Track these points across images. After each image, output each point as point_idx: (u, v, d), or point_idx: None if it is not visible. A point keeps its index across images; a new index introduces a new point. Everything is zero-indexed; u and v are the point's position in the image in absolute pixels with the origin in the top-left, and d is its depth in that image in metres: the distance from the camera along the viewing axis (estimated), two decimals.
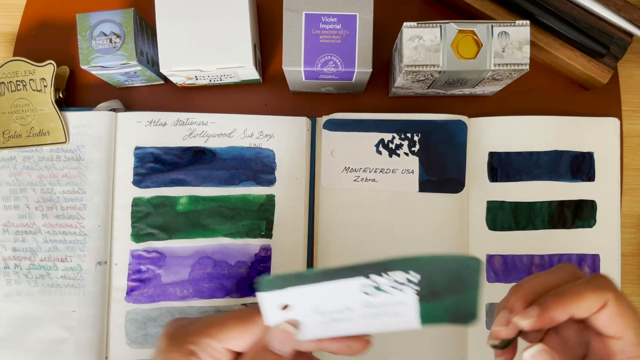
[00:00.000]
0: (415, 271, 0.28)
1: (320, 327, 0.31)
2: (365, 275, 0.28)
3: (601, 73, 0.47)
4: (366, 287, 0.29)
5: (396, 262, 0.27)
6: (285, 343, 0.30)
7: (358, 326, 0.31)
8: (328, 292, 0.29)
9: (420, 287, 0.28)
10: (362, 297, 0.29)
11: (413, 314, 0.30)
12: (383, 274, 0.28)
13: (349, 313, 0.30)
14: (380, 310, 0.30)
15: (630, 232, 0.50)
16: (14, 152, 0.48)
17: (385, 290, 0.29)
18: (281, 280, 0.29)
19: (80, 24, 0.43)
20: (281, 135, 0.48)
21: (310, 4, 0.41)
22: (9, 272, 0.47)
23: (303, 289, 0.29)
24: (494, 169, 0.49)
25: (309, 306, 0.30)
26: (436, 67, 0.40)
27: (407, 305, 0.29)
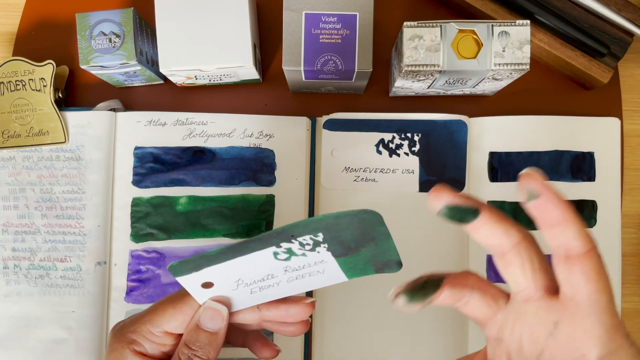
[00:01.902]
0: (319, 230, 0.28)
1: (250, 297, 0.32)
2: (275, 244, 0.29)
3: (602, 73, 0.47)
4: (279, 254, 0.29)
5: (299, 227, 0.28)
6: (214, 320, 0.31)
7: (287, 290, 0.32)
8: (244, 265, 0.30)
9: (330, 245, 0.29)
10: (279, 263, 0.30)
11: (336, 270, 0.31)
12: (292, 240, 0.29)
13: (273, 279, 0.31)
14: (303, 272, 0.31)
15: (631, 232, 0.50)
16: (14, 152, 0.48)
17: (299, 254, 0.29)
18: (190, 263, 0.29)
19: (80, 23, 0.43)
20: (281, 135, 0.48)
21: (310, 4, 0.41)
22: (8, 272, 0.47)
23: (219, 268, 0.30)
24: (495, 169, 0.48)
25: (231, 280, 0.31)
26: (436, 67, 0.40)
27: (326, 262, 0.30)
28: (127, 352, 0.31)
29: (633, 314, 0.50)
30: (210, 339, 0.31)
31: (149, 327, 0.32)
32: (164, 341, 0.32)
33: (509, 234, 0.27)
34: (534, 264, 0.26)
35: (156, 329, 0.32)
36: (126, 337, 0.32)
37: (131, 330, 0.32)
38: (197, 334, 0.31)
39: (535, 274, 0.26)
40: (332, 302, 0.47)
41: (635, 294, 0.50)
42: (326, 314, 0.47)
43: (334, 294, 0.47)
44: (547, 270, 0.26)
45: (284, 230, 0.28)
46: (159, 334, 0.32)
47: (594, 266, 0.24)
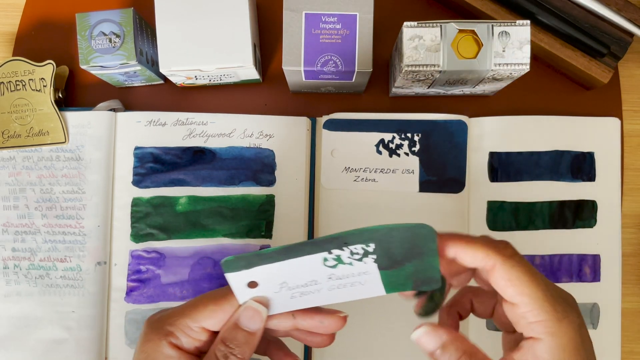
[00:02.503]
0: (372, 240, 0.29)
1: (289, 302, 0.32)
2: (327, 250, 0.29)
3: (602, 73, 0.47)
4: (328, 260, 0.30)
5: (353, 235, 0.28)
6: (253, 320, 0.32)
7: (325, 298, 0.32)
8: (293, 268, 0.30)
9: (378, 256, 0.29)
10: (326, 270, 0.30)
11: (377, 282, 0.31)
12: (343, 248, 0.29)
13: (316, 286, 0.31)
14: (345, 281, 0.31)
15: (631, 232, 0.50)
16: (14, 152, 0.48)
17: (347, 263, 0.30)
18: (244, 260, 0.30)
19: (80, 23, 0.43)
20: (281, 135, 0.48)
21: (310, 4, 0.41)
22: (8, 272, 0.47)
23: (268, 267, 0.30)
24: (495, 169, 0.48)
25: (276, 282, 0.31)
26: (436, 67, 0.40)
27: (369, 274, 0.30)
28: (163, 344, 0.31)
29: (633, 314, 0.50)
30: (247, 338, 0.32)
31: (188, 321, 0.32)
32: (200, 337, 0.32)
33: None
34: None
35: (195, 324, 0.32)
36: (164, 329, 0.32)
37: (169, 323, 0.32)
38: (236, 332, 0.32)
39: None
40: None
41: (635, 294, 0.50)
42: None
43: None
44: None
45: (338, 237, 0.28)
46: (197, 329, 0.32)
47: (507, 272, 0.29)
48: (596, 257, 0.48)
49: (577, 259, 0.48)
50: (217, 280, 0.47)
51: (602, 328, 0.48)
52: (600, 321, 0.48)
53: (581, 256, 0.48)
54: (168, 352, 0.31)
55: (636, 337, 0.49)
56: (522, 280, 0.28)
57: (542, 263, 0.48)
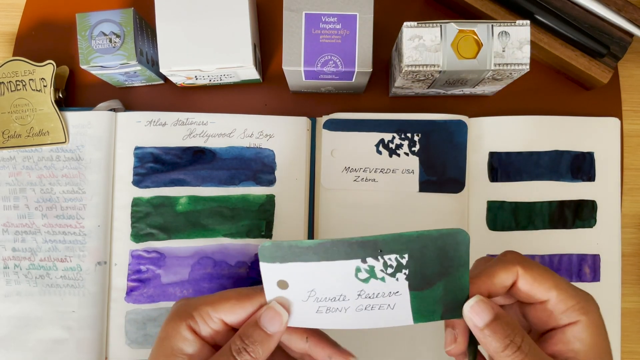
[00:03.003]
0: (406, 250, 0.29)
1: (314, 316, 0.32)
2: (361, 257, 0.29)
3: (601, 73, 0.47)
4: (361, 271, 0.30)
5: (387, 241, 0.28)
6: (273, 322, 0.32)
7: (350, 320, 0.32)
8: (325, 273, 0.30)
9: (410, 272, 0.29)
10: (356, 284, 0.30)
11: (406, 307, 0.31)
12: (378, 257, 0.29)
13: (343, 303, 0.31)
14: (374, 302, 0.31)
15: (631, 232, 0.50)
16: (14, 152, 0.48)
17: (379, 277, 0.30)
18: (281, 250, 0.30)
19: (80, 23, 0.43)
20: (281, 135, 0.48)
21: (310, 4, 0.41)
22: (8, 272, 0.47)
23: (302, 266, 0.30)
24: (494, 169, 0.48)
25: (306, 288, 0.31)
26: (436, 67, 0.40)
27: (399, 295, 0.30)
28: (183, 326, 0.32)
29: (633, 314, 0.50)
30: (264, 338, 0.32)
31: (210, 310, 0.33)
32: (217, 327, 0.33)
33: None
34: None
35: (215, 314, 0.33)
36: (187, 312, 0.33)
37: (193, 308, 0.33)
38: (254, 330, 0.32)
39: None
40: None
41: (635, 294, 0.50)
42: None
43: None
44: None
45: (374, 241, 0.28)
46: (216, 320, 0.33)
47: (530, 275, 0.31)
48: (596, 257, 0.48)
49: (577, 259, 0.48)
50: (217, 280, 0.47)
51: None
52: None
53: (581, 256, 0.48)
54: (185, 334, 0.32)
55: (636, 337, 0.49)
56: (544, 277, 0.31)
57: (542, 263, 0.48)
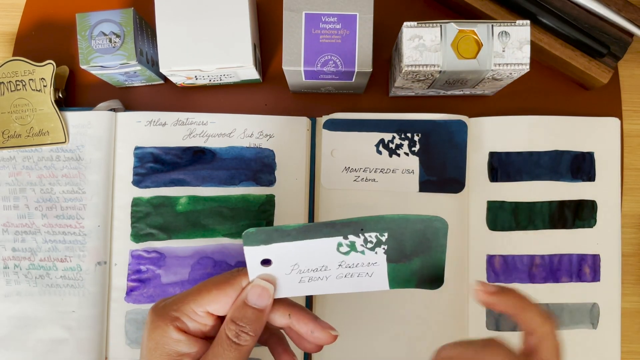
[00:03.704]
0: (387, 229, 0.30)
1: (296, 286, 0.33)
2: (343, 234, 0.30)
3: (602, 73, 0.47)
4: (343, 246, 0.31)
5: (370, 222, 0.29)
6: (261, 297, 0.32)
7: (330, 286, 0.33)
8: (308, 249, 0.31)
9: (389, 247, 0.30)
10: (337, 256, 0.31)
11: (383, 276, 0.32)
12: (360, 234, 0.30)
13: (325, 272, 0.32)
14: (354, 271, 0.32)
15: (631, 232, 0.50)
16: (14, 152, 0.48)
17: (359, 251, 0.31)
18: (264, 234, 0.30)
19: (80, 23, 0.43)
20: (281, 135, 0.48)
21: (310, 4, 0.41)
22: (8, 272, 0.47)
23: (285, 245, 0.31)
24: (494, 169, 0.48)
25: (289, 263, 0.32)
26: (436, 67, 0.40)
27: (377, 266, 0.31)
28: (170, 329, 0.32)
29: (633, 314, 0.50)
30: (256, 315, 0.32)
31: (193, 306, 0.32)
32: (205, 321, 0.33)
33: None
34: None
35: (199, 308, 0.32)
36: (170, 314, 0.32)
37: (175, 309, 0.32)
38: (245, 310, 0.32)
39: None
40: (331, 301, 0.47)
41: (635, 294, 0.50)
42: (326, 313, 0.47)
43: None
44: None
45: (357, 222, 0.29)
46: (202, 314, 0.33)
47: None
48: (596, 257, 0.48)
49: (577, 259, 0.48)
50: None
51: (602, 328, 0.48)
52: (600, 321, 0.48)
53: (581, 256, 0.48)
54: (176, 336, 0.32)
55: (636, 337, 0.49)
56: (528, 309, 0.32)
57: (542, 263, 0.48)
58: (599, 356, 0.48)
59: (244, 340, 0.32)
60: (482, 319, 0.48)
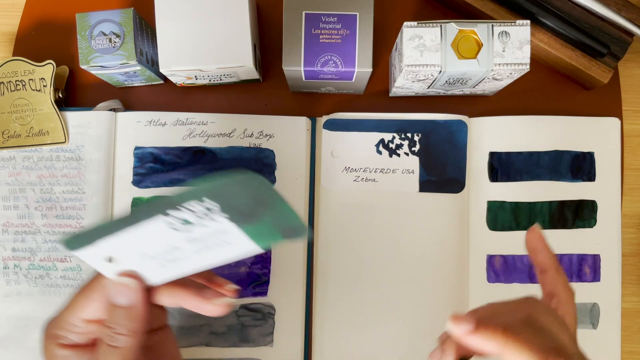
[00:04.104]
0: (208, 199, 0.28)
1: (162, 270, 0.32)
2: (162, 213, 0.28)
3: (602, 73, 0.47)
4: (173, 224, 0.29)
5: (183, 196, 0.28)
6: (123, 294, 0.31)
7: (198, 261, 0.31)
8: (141, 237, 0.30)
9: (226, 212, 0.28)
10: (179, 235, 0.29)
11: (244, 239, 0.30)
12: (179, 208, 0.28)
13: (180, 252, 0.30)
14: (209, 243, 0.30)
15: (631, 232, 0.50)
16: (14, 152, 0.48)
17: (197, 224, 0.29)
18: (83, 237, 0.29)
19: (80, 23, 0.43)
20: (281, 135, 0.48)
21: (310, 4, 0.41)
22: (8, 272, 0.47)
23: (114, 239, 0.30)
24: (495, 169, 0.48)
25: (132, 253, 0.30)
26: (436, 67, 0.40)
27: (231, 232, 0.30)
28: (53, 347, 0.32)
29: (633, 314, 0.50)
30: (126, 313, 0.31)
31: (68, 319, 0.32)
32: (87, 329, 0.32)
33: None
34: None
35: (74, 319, 0.32)
36: (51, 332, 0.32)
37: (53, 326, 0.32)
38: (113, 311, 0.31)
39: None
40: (332, 300, 0.47)
41: (635, 294, 0.50)
42: (326, 311, 0.47)
43: (334, 291, 0.47)
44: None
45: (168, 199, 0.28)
46: (80, 324, 0.32)
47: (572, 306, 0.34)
48: (596, 257, 0.48)
49: (577, 259, 0.48)
50: None
51: (602, 328, 0.48)
52: (600, 321, 0.48)
53: (581, 256, 0.48)
54: (61, 352, 0.31)
55: (636, 337, 0.49)
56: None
57: None
58: (599, 356, 0.48)
59: (121, 341, 0.31)
60: None
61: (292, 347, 0.47)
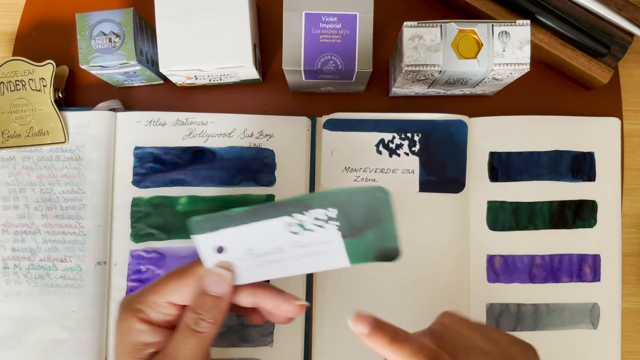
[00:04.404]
0: (333, 205, 0.30)
1: (257, 270, 0.33)
2: (288, 213, 0.30)
3: (602, 73, 0.47)
4: (292, 226, 0.31)
5: (314, 199, 0.30)
6: (219, 285, 0.33)
7: (291, 267, 0.33)
8: (258, 232, 0.31)
9: (340, 222, 0.30)
10: (290, 237, 0.31)
11: (340, 252, 0.32)
12: (304, 212, 0.30)
13: (281, 254, 0.32)
14: (309, 250, 0.32)
15: (631, 232, 0.50)
16: (13, 152, 0.47)
17: (310, 229, 0.31)
18: (211, 221, 0.31)
19: (80, 23, 0.43)
20: (281, 135, 0.48)
21: (310, 4, 0.41)
22: (8, 272, 0.47)
23: (234, 231, 0.31)
24: (495, 169, 0.48)
25: (242, 248, 0.32)
26: (436, 67, 0.40)
27: (333, 242, 0.31)
28: (133, 320, 0.33)
29: (633, 314, 0.50)
30: (215, 302, 0.33)
31: (154, 297, 0.34)
32: (168, 311, 0.34)
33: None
34: None
35: (161, 299, 0.34)
36: (133, 306, 0.34)
37: (138, 301, 0.34)
38: (203, 298, 0.33)
39: None
40: (332, 299, 0.47)
41: (635, 294, 0.50)
42: (326, 310, 0.47)
43: (335, 290, 0.47)
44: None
45: (301, 200, 0.30)
46: (164, 304, 0.34)
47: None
48: (596, 257, 0.48)
49: (577, 259, 0.48)
50: None
51: (602, 328, 0.48)
52: (600, 321, 0.48)
53: (581, 256, 0.48)
54: (139, 327, 0.33)
55: (636, 337, 0.49)
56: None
57: (542, 263, 0.48)
58: (599, 356, 0.48)
59: (203, 327, 0.33)
60: (482, 320, 0.48)
61: (292, 347, 0.47)
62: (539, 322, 0.48)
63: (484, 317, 0.48)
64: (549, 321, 0.48)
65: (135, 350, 0.33)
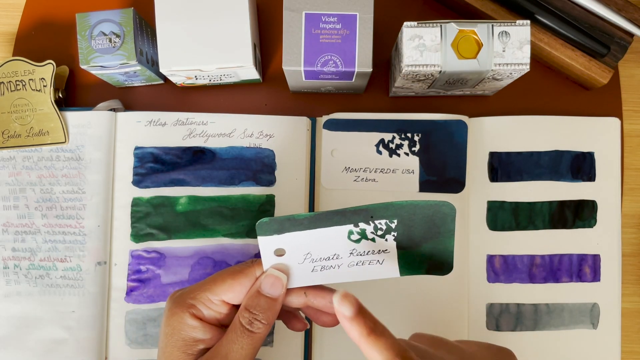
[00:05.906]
0: (396, 216, 0.30)
1: (309, 275, 0.34)
2: (353, 222, 0.31)
3: (602, 73, 0.47)
4: (353, 234, 0.31)
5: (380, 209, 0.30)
6: (274, 287, 0.34)
7: (342, 275, 0.33)
8: (319, 238, 0.32)
9: (399, 234, 0.31)
10: (349, 244, 0.32)
11: (393, 262, 0.32)
12: (370, 222, 0.30)
13: (337, 261, 0.33)
14: (365, 258, 0.32)
15: (631, 232, 0.50)
16: (14, 152, 0.48)
17: (370, 238, 0.31)
18: (277, 224, 0.31)
19: (80, 23, 0.43)
20: (281, 135, 0.48)
21: (310, 4, 0.41)
22: (8, 272, 0.47)
23: (297, 235, 0.32)
24: (495, 169, 0.48)
25: (301, 252, 0.33)
26: (436, 67, 0.40)
27: (388, 253, 0.32)
28: (186, 315, 0.34)
29: (633, 314, 0.50)
30: (269, 304, 0.34)
31: (208, 294, 0.34)
32: (220, 309, 0.34)
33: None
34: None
35: (215, 297, 0.34)
36: (186, 302, 0.34)
37: (191, 297, 0.34)
38: (258, 299, 0.34)
39: None
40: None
41: (635, 294, 0.50)
42: None
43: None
44: None
45: (366, 210, 0.30)
46: (217, 302, 0.34)
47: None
48: (596, 257, 0.48)
49: (577, 259, 0.48)
50: None
51: (602, 328, 0.48)
52: (600, 321, 0.48)
53: (581, 256, 0.48)
54: (191, 322, 0.34)
55: (636, 337, 0.49)
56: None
57: (542, 263, 0.48)
58: (599, 356, 0.48)
59: (256, 327, 0.33)
60: (482, 319, 0.48)
61: (292, 347, 0.47)
62: (539, 322, 0.48)
63: (484, 317, 0.48)
64: (548, 321, 0.48)
65: (186, 346, 0.33)
